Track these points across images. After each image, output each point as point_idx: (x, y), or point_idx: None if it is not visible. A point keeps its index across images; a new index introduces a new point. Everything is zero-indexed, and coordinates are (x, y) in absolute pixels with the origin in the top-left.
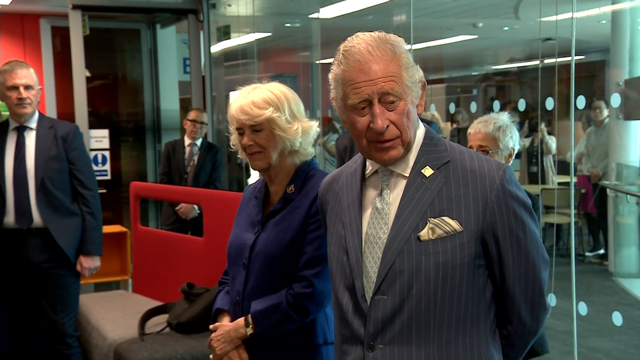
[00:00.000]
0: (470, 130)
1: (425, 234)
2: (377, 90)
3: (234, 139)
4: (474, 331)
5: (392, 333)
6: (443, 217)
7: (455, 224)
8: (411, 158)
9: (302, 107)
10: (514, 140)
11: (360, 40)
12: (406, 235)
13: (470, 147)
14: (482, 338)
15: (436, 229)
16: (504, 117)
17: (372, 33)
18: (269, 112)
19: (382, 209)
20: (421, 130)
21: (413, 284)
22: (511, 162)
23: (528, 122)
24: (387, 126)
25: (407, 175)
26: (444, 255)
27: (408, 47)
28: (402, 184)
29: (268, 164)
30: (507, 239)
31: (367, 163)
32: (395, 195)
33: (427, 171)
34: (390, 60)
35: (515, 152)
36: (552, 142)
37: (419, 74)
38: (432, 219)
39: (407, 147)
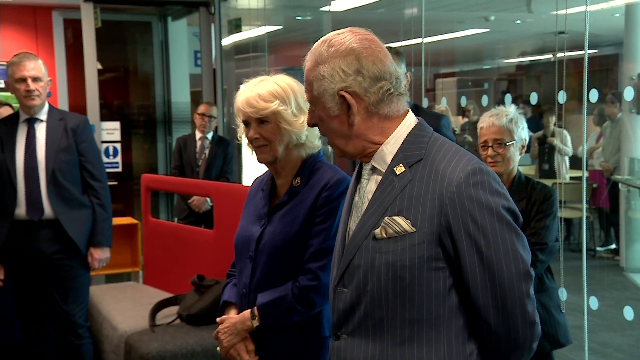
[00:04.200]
0: (482, 125)
1: (379, 232)
2: None
3: (240, 131)
4: (432, 334)
5: (353, 325)
6: (396, 217)
7: (406, 225)
8: (389, 154)
9: None
10: (525, 131)
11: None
12: (367, 231)
13: (485, 141)
14: (445, 342)
15: (387, 229)
16: (513, 109)
17: (337, 32)
18: (275, 105)
19: (357, 203)
20: (406, 127)
21: (368, 280)
22: (524, 152)
23: (541, 117)
24: (316, 124)
25: (383, 171)
26: (394, 255)
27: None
28: (378, 180)
29: (274, 157)
30: (463, 244)
31: None
32: (370, 190)
33: (399, 169)
34: (310, 69)
35: (527, 142)
36: (566, 146)
37: (336, 85)
38: (387, 218)
39: (340, 151)
